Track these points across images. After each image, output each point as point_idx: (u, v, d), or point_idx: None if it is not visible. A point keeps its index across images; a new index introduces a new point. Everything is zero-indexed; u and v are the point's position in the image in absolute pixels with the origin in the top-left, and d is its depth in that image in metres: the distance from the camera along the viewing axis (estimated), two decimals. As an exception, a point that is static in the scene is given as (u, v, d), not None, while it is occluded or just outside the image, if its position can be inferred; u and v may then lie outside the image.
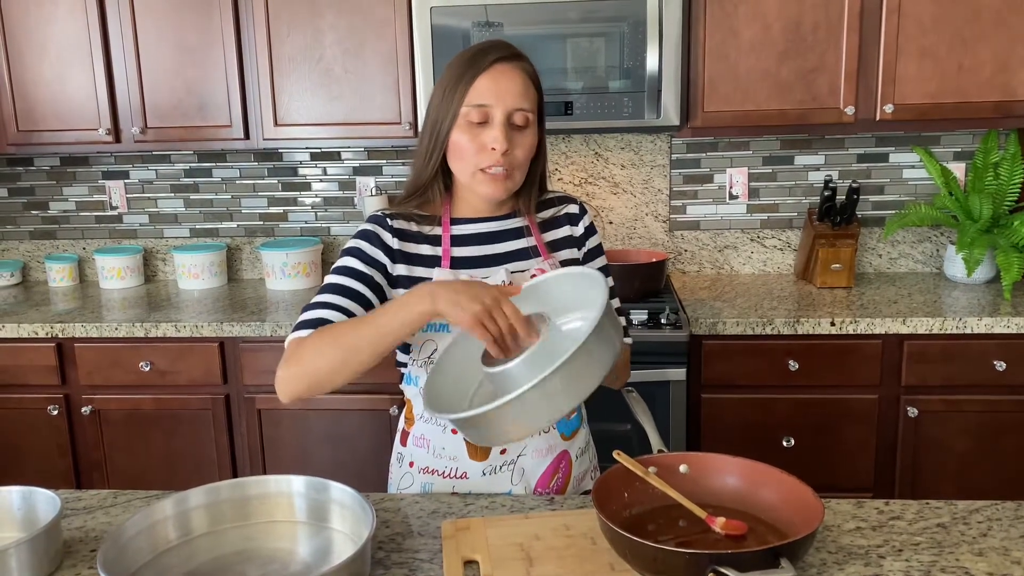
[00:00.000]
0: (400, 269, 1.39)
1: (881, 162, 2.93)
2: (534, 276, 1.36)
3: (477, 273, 1.39)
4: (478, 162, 1.34)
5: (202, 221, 3.19)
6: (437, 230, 1.41)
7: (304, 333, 1.29)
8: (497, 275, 1.39)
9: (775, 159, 2.95)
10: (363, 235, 1.40)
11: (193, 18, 2.67)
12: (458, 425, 1.15)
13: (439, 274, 1.37)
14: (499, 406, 1.04)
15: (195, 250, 3.02)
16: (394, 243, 1.39)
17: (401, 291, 1.38)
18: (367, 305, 1.34)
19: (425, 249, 1.40)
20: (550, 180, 1.54)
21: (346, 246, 1.41)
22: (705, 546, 1.10)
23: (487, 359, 1.16)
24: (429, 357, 1.38)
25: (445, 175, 1.42)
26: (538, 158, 1.43)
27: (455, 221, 1.43)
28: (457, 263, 1.40)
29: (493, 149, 1.32)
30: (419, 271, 1.39)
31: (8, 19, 2.71)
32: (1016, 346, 2.35)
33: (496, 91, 1.32)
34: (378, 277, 1.37)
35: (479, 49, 1.35)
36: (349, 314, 1.32)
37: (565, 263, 1.45)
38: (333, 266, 1.39)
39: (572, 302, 1.25)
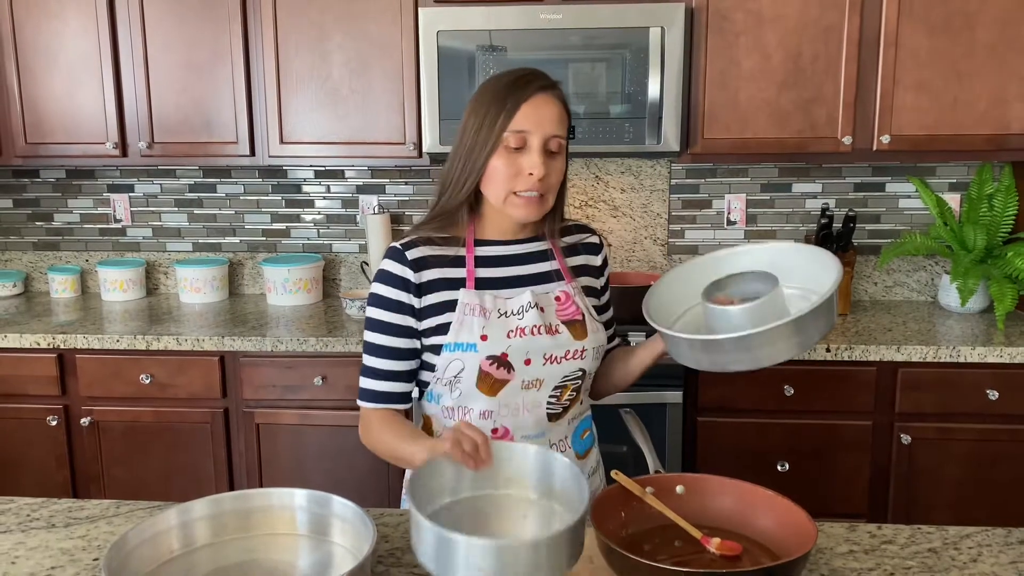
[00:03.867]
0: (426, 300, 1.39)
1: (877, 191, 2.97)
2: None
3: (501, 294, 1.40)
4: (513, 186, 1.36)
5: (205, 236, 3.21)
6: (461, 251, 1.41)
7: (368, 406, 1.43)
8: (522, 296, 1.40)
9: (773, 186, 2.99)
10: (385, 279, 1.40)
11: (203, 35, 2.71)
12: (719, 346, 1.26)
13: (464, 295, 1.38)
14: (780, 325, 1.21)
15: (197, 264, 3.04)
16: (415, 277, 1.39)
17: (427, 322, 1.40)
18: (410, 356, 1.42)
19: (449, 272, 1.40)
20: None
21: (372, 290, 1.42)
22: (700, 566, 1.12)
23: (709, 296, 1.32)
24: (456, 376, 1.38)
25: (473, 198, 1.42)
26: (564, 182, 1.45)
27: (479, 243, 1.43)
28: (481, 284, 1.40)
29: (531, 174, 1.34)
30: (444, 295, 1.39)
31: (20, 33, 2.74)
32: (1009, 376, 2.38)
33: (536, 119, 1.34)
34: (409, 320, 1.40)
35: (519, 77, 1.37)
36: (400, 376, 1.43)
37: (584, 289, 1.48)
38: (367, 315, 1.43)
39: (801, 275, 1.35)
